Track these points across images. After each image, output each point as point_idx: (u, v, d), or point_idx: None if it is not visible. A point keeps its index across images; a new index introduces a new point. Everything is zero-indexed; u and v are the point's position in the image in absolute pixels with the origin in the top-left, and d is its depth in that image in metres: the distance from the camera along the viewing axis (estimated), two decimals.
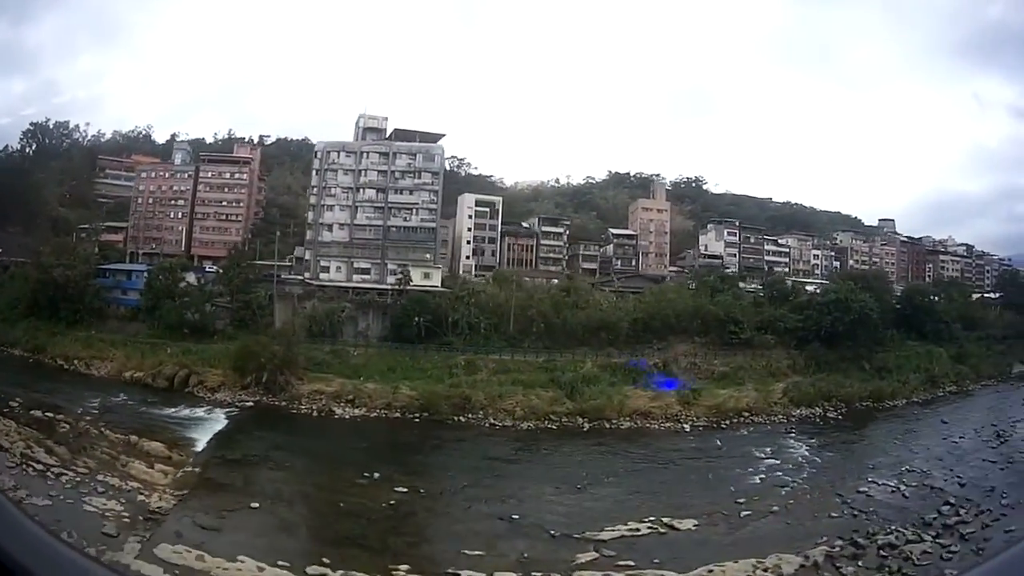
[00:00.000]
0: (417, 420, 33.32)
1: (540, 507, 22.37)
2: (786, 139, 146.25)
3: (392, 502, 22.22)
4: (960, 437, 36.95)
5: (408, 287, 40.99)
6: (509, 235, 65.35)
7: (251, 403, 35.43)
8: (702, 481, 27.17)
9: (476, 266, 62.30)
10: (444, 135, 49.16)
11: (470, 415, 33.44)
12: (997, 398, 50.57)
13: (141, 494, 21.20)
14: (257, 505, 21.56)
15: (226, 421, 32.98)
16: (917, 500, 25.49)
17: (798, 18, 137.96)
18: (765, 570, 17.78)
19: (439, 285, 44.89)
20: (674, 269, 72.01)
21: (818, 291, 54.42)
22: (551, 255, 66.04)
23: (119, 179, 62.94)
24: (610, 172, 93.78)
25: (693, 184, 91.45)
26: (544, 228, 66.35)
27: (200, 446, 28.59)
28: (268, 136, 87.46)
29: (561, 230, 67.36)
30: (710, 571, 17.48)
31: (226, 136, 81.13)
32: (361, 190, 46.65)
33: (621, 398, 35.01)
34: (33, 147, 61.27)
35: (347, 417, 33.85)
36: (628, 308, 43.53)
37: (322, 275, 46.16)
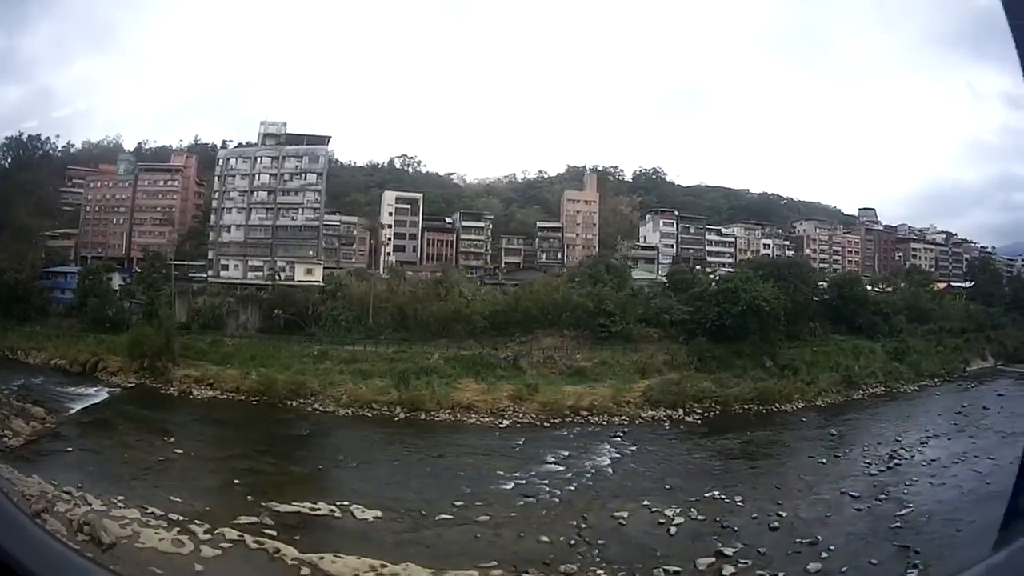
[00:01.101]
0: (255, 402, 38.53)
1: (268, 478, 26.17)
2: (769, 131, 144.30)
3: (161, 458, 27.88)
4: (836, 455, 32.32)
5: (279, 282, 48.00)
6: (430, 230, 71.45)
7: (132, 384, 42.27)
8: (451, 478, 27.09)
9: (396, 261, 68.99)
10: (330, 137, 55.40)
11: (301, 400, 38.18)
12: (929, 404, 46.64)
13: (5, 438, 29.80)
14: (71, 449, 29.29)
15: (105, 397, 40.45)
16: (684, 541, 21.81)
17: (786, 6, 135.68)
18: (372, 569, 18.64)
19: (320, 280, 50.44)
20: (623, 259, 75.34)
21: (715, 280, 53.96)
22: (472, 249, 71.03)
23: (84, 188, 74.30)
24: (568, 166, 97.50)
25: (652, 175, 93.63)
26: (465, 223, 71.64)
27: (71, 412, 36.68)
28: (231, 141, 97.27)
29: (482, 224, 72.04)
30: (321, 557, 19.16)
31: (192, 143, 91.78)
32: (255, 192, 53.28)
33: (446, 390, 37.85)
34: (8, 160, 73.91)
35: (200, 398, 39.71)
36: (491, 300, 47.33)
37: (223, 273, 52.82)
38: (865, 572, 19.95)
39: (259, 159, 53.79)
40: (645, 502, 25.17)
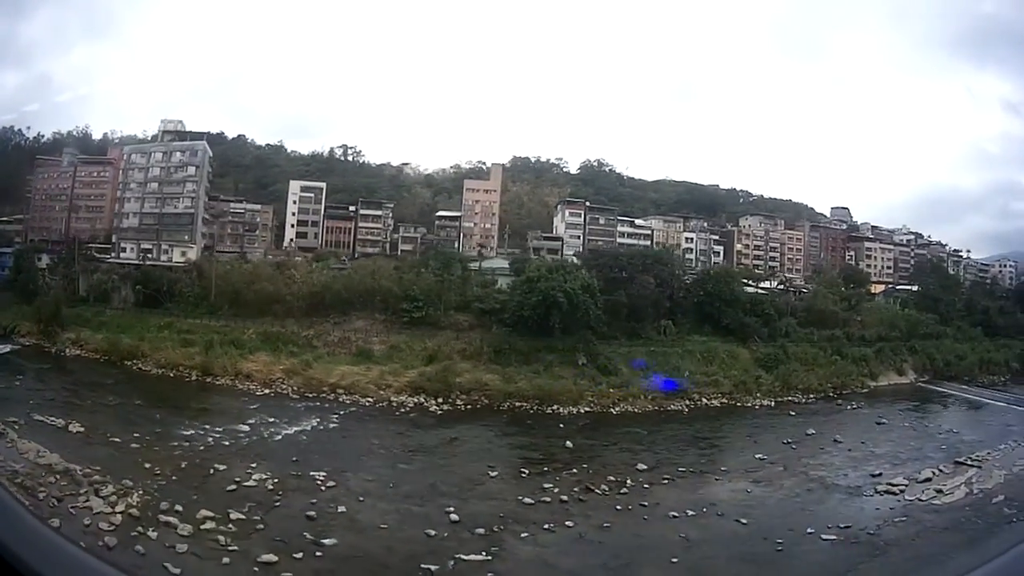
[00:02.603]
0: (103, 361, 56.08)
1: (51, 403, 41.02)
2: (756, 129, 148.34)
3: (3, 387, 45.17)
4: (522, 472, 34.59)
5: (146, 262, 67.14)
6: (332, 218, 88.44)
7: (28, 344, 65.07)
8: (157, 422, 37.55)
9: (299, 248, 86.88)
10: (207, 132, 73.98)
11: (134, 359, 55.07)
12: (762, 427, 46.82)
13: None
14: None
15: (6, 351, 63.37)
16: (218, 499, 26.56)
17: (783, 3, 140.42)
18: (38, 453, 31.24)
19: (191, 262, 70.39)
20: (506, 251, 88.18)
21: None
22: (369, 237, 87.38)
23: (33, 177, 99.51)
24: (514, 156, 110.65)
25: (596, 167, 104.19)
26: (363, 211, 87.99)
27: None
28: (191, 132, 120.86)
29: (380, 213, 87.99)
30: (24, 441, 32.76)
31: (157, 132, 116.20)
32: (148, 184, 73.88)
33: (238, 360, 52.41)
34: None
35: (69, 355, 58.00)
36: (310, 283, 61.72)
37: (122, 255, 74.14)
38: None
39: (152, 154, 73.71)
40: (253, 465, 31.42)
